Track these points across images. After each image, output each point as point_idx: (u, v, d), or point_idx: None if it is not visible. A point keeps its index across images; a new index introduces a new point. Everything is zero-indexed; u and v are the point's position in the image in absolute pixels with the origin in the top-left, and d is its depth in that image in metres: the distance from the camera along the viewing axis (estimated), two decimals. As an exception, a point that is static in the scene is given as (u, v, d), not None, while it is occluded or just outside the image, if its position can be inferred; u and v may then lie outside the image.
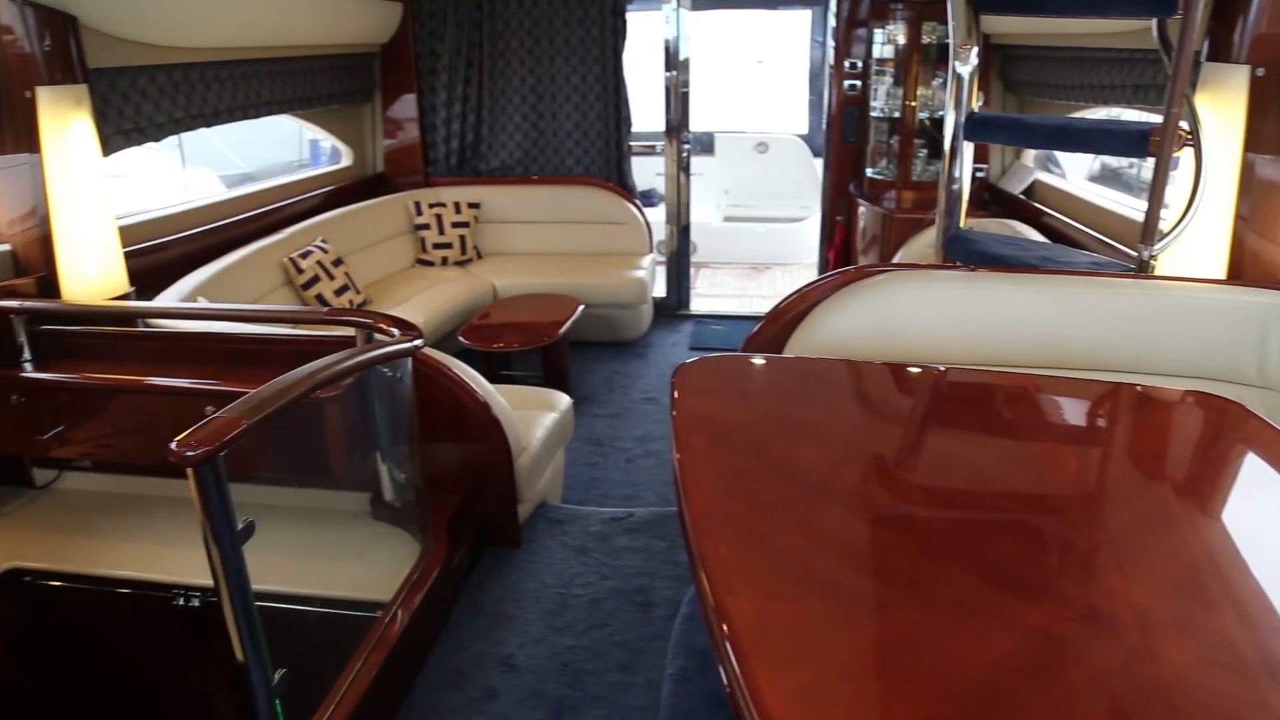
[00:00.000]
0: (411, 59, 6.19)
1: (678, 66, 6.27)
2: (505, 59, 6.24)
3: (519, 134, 6.38)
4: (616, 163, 6.38)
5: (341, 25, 5.53)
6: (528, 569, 3.20)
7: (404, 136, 6.39)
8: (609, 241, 6.32)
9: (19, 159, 3.24)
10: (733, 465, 1.56)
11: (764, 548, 1.34)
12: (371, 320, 2.76)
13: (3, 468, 3.37)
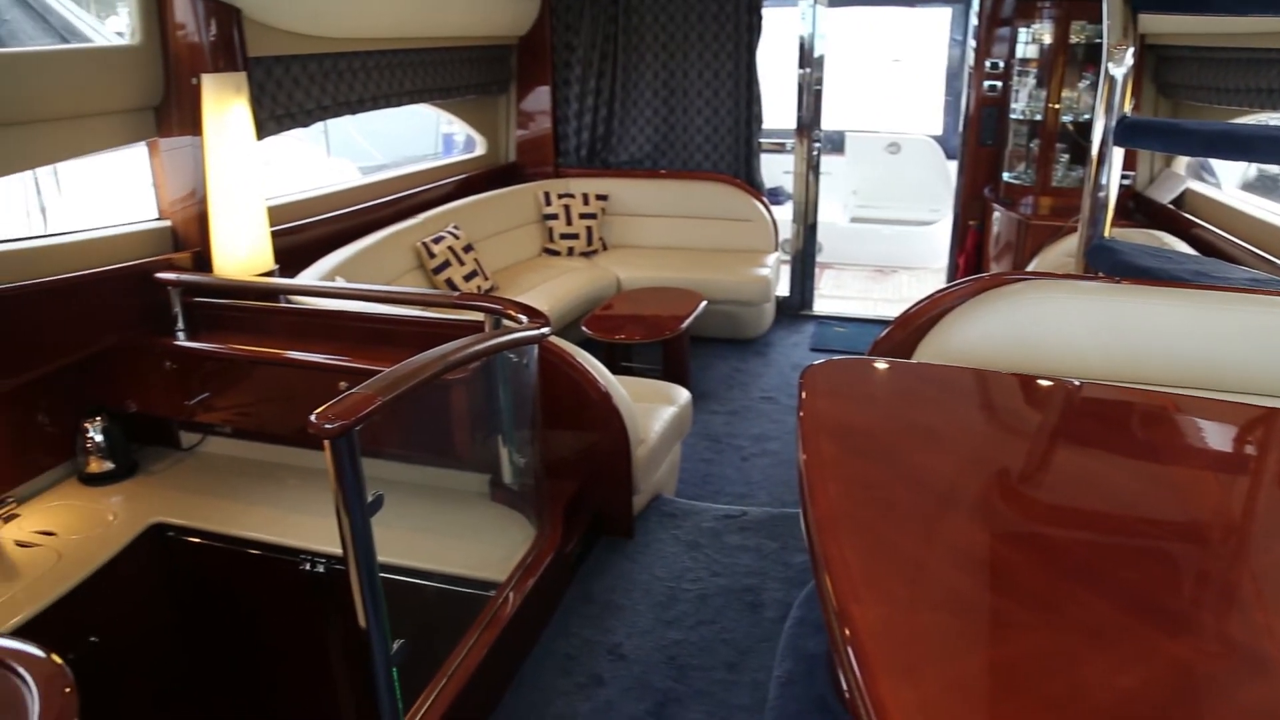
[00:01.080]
0: (547, 52, 6.29)
1: (812, 63, 6.18)
2: (639, 53, 6.28)
3: (649, 128, 6.41)
4: (745, 159, 6.34)
5: (483, 18, 5.67)
6: (639, 560, 3.21)
7: (536, 128, 6.50)
8: (734, 238, 6.28)
9: (183, 141, 3.43)
10: (859, 470, 1.52)
11: (890, 555, 1.30)
12: (501, 306, 2.81)
13: (154, 429, 3.59)
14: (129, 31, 3.34)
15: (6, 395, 3.14)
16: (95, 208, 5.22)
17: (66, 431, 3.38)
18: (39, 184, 4.97)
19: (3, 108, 2.87)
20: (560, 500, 3.07)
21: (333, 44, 4.33)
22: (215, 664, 3.37)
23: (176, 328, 3.31)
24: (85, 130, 3.21)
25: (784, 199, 8.38)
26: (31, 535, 3.08)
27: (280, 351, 3.11)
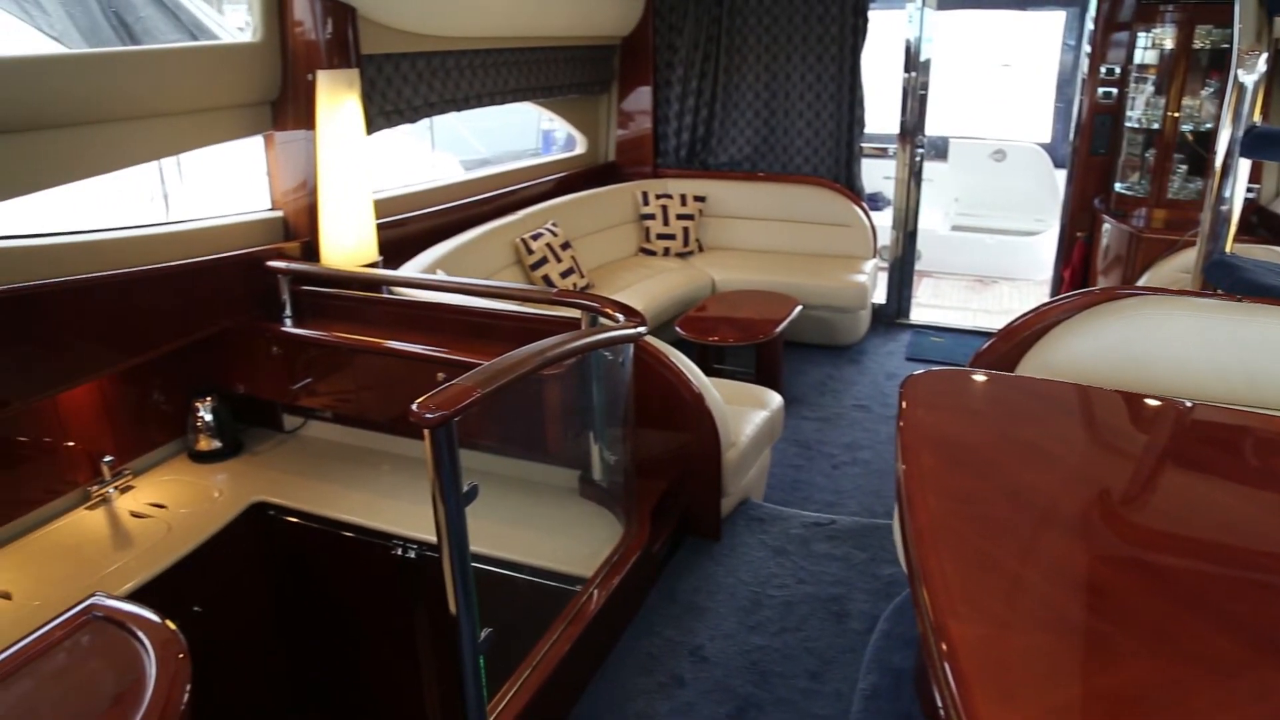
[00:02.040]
0: (650, 52, 6.31)
1: (918, 67, 6.06)
2: (741, 55, 6.25)
3: (749, 130, 6.38)
4: (846, 164, 6.25)
5: (588, 18, 5.72)
6: (725, 563, 3.19)
7: (636, 128, 6.53)
8: (832, 243, 6.21)
9: (297, 135, 3.56)
10: (960, 483, 1.49)
11: (991, 573, 1.26)
12: (598, 304, 2.83)
13: (259, 411, 3.73)
14: (251, 29, 3.48)
15: (127, 373, 3.30)
16: (213, 196, 5.45)
17: (179, 410, 3.54)
18: (163, 173, 5.21)
19: (137, 102, 3.02)
20: (649, 499, 3.08)
21: (441, 42, 4.43)
22: (305, 640, 3.48)
23: (284, 314, 3.43)
24: (209, 123, 3.36)
25: (883, 205, 8.24)
26: (144, 506, 3.23)
27: (381, 341, 3.19)
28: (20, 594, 2.78)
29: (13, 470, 3.05)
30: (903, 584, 3.02)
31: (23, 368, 2.78)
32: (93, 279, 2.92)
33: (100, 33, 5.29)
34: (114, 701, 1.03)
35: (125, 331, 3.08)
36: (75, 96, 2.82)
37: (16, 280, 2.72)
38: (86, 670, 1.08)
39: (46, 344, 2.83)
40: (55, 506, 3.19)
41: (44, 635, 1.11)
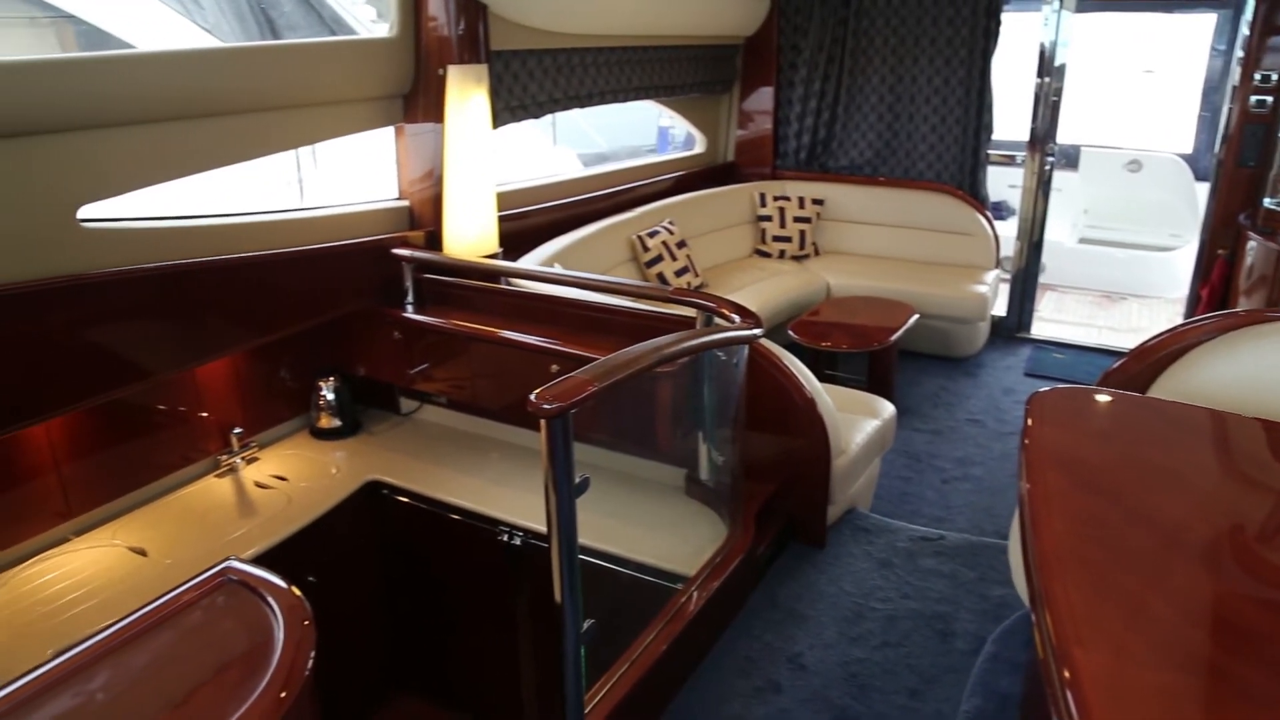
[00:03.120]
0: (773, 53, 6.26)
1: (1051, 72, 5.83)
2: (867, 56, 6.13)
3: (872, 134, 6.26)
4: (971, 170, 6.07)
5: (713, 18, 5.71)
6: (829, 572, 3.15)
7: (756, 128, 6.49)
8: (953, 251, 6.04)
9: (426, 127, 3.66)
10: (1087, 506, 1.43)
11: (1120, 602, 1.21)
12: (714, 304, 2.82)
13: (378, 393, 3.85)
14: (388, 25, 3.59)
15: (258, 351, 3.46)
16: (344, 184, 5.66)
17: (304, 388, 3.69)
18: (299, 161, 5.44)
19: (279, 93, 3.17)
20: (755, 502, 3.06)
21: (568, 40, 4.49)
22: (408, 618, 3.58)
23: (407, 301, 3.54)
24: (344, 114, 3.49)
25: (1007, 214, 7.98)
26: (268, 478, 3.38)
27: (497, 330, 3.25)
28: (154, 552, 2.95)
29: (153, 436, 3.23)
30: (1013, 606, 2.92)
31: (167, 341, 2.94)
32: (233, 260, 3.07)
33: (247, 27, 5.57)
34: (244, 660, 1.08)
35: (259, 311, 3.22)
36: (223, 87, 2.97)
37: (166, 258, 2.89)
38: (220, 629, 1.14)
39: (188, 319, 2.99)
40: (188, 472, 3.37)
41: (184, 592, 1.18)
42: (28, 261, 2.54)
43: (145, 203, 2.89)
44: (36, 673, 1.08)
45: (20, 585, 2.77)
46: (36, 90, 2.47)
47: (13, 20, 5.54)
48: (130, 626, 1.14)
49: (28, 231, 2.54)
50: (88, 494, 3.06)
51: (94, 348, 2.71)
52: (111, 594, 2.73)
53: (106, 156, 2.70)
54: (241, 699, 1.01)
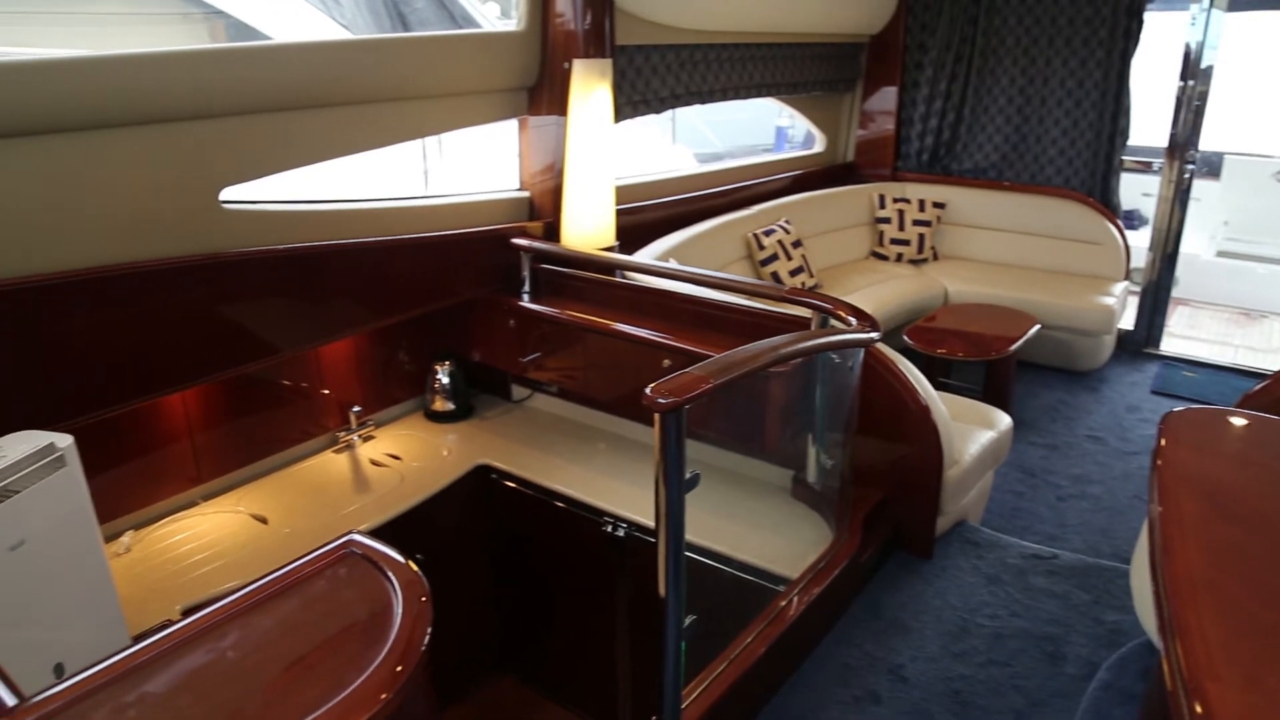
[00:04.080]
0: (899, 51, 6.13)
1: (1197, 75, 5.53)
2: (996, 56, 5.94)
3: (998, 136, 6.06)
4: (1103, 177, 5.82)
5: (838, 15, 5.63)
6: (935, 584, 3.07)
7: (877, 128, 6.36)
8: (1079, 261, 5.81)
9: (549, 120, 3.72)
10: (1226, 534, 1.35)
11: (1259, 636, 1.14)
12: (831, 305, 2.78)
13: (491, 379, 3.94)
14: (515, 20, 3.66)
15: (379, 333, 3.58)
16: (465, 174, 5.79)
17: (420, 371, 3.80)
18: (425, 150, 5.59)
19: (411, 84, 3.26)
20: (862, 508, 3.01)
21: (691, 35, 4.49)
22: (509, 602, 3.65)
23: (523, 290, 3.61)
24: (471, 106, 3.57)
25: (1138, 224, 7.63)
26: (382, 456, 3.50)
27: (610, 323, 3.28)
28: (274, 520, 3.09)
29: (277, 410, 3.38)
30: (1130, 634, 2.80)
31: (295, 319, 3.07)
32: (360, 244, 3.18)
33: (381, 23, 5.76)
34: (364, 631, 1.12)
35: (382, 294, 3.33)
36: (358, 78, 3.08)
37: (299, 240, 3.01)
38: (342, 599, 1.18)
39: (316, 299, 3.11)
40: (308, 447, 3.51)
41: (309, 562, 1.23)
42: (176, 239, 2.69)
43: (282, 187, 3.02)
44: (173, 629, 1.14)
45: (153, 544, 2.94)
46: (185, 79, 2.61)
47: (168, 16, 5.87)
48: (258, 591, 1.19)
49: (177, 211, 2.69)
50: (216, 462, 3.23)
51: (229, 323, 2.85)
52: (234, 558, 2.87)
53: (248, 141, 2.84)
54: (361, 669, 1.05)
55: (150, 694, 1.06)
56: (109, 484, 2.80)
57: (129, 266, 2.58)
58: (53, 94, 2.35)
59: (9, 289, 2.34)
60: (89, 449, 2.15)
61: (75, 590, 2.19)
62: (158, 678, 1.08)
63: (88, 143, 2.46)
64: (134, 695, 1.05)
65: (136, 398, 2.76)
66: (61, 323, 2.47)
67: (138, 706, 1.04)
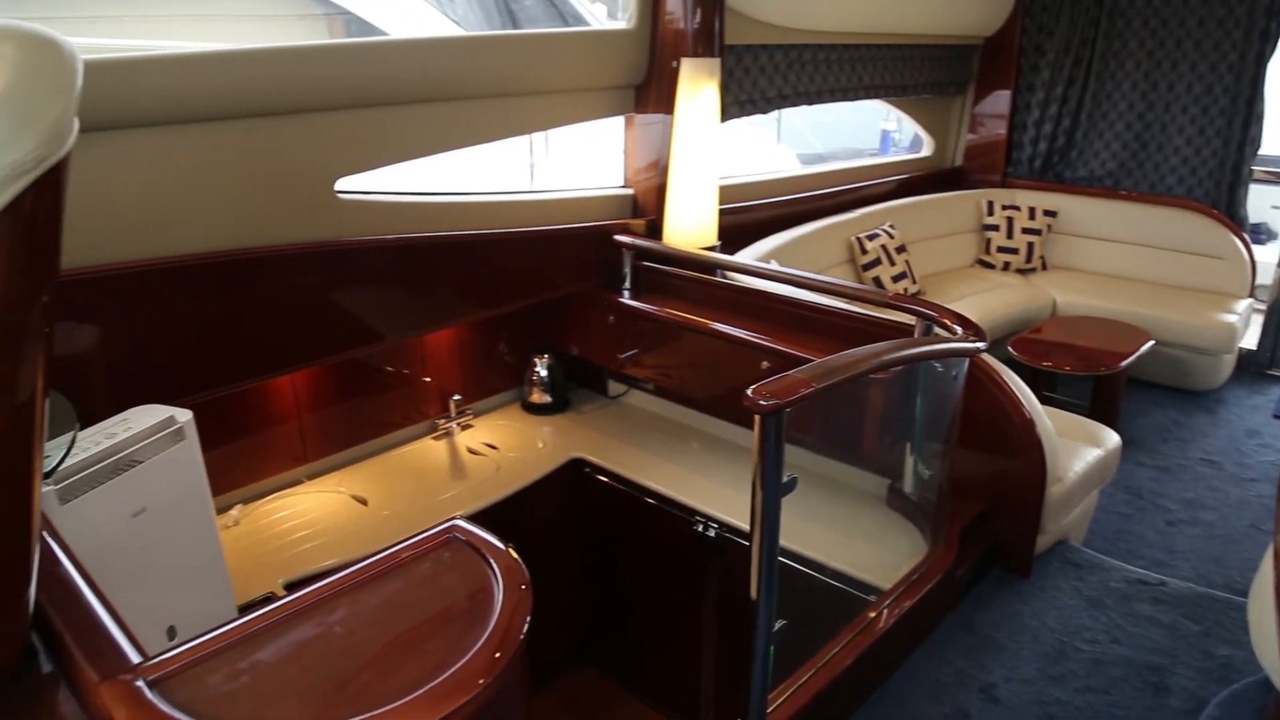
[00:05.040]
0: (1014, 54, 5.95)
1: (1342, 82, 5.24)
2: (1118, 60, 5.71)
3: (1116, 144, 5.83)
4: (1230, 188, 5.54)
5: (953, 16, 5.51)
6: (1032, 603, 2.98)
7: (988, 133, 6.20)
8: (1199, 276, 5.55)
9: (655, 118, 3.73)
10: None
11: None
12: (936, 313, 2.73)
13: (588, 374, 3.98)
14: (625, 18, 3.69)
15: (480, 324, 3.66)
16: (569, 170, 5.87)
17: (519, 363, 3.87)
18: (532, 145, 5.69)
19: (520, 80, 3.32)
20: (959, 521, 2.94)
21: (800, 35, 4.45)
22: (596, 596, 3.68)
23: (624, 286, 3.63)
24: (579, 102, 3.61)
25: (1268, 238, 7.27)
26: (480, 445, 3.57)
27: (709, 322, 3.28)
28: (374, 502, 3.19)
29: (380, 395, 3.48)
30: (1243, 670, 2.67)
31: (401, 308, 3.16)
32: (466, 236, 3.25)
33: (491, 20, 5.87)
34: (465, 615, 1.15)
35: (486, 286, 3.40)
36: (469, 73, 3.15)
37: (407, 231, 3.10)
38: (445, 583, 1.21)
39: (422, 289, 3.19)
40: (408, 432, 3.61)
41: (414, 544, 1.26)
42: (294, 227, 2.80)
43: (392, 179, 3.11)
44: (284, 601, 1.19)
45: (259, 518, 3.06)
46: (305, 72, 2.72)
47: (289, 16, 6.10)
48: (366, 569, 1.23)
49: (295, 200, 2.79)
50: (321, 443, 3.34)
51: (338, 309, 2.96)
52: (334, 536, 2.97)
53: (363, 134, 2.93)
54: (461, 651, 1.07)
55: (262, 662, 1.10)
56: (222, 459, 2.92)
57: (249, 252, 2.70)
58: (187, 86, 2.49)
59: (141, 270, 2.47)
60: (205, 425, 2.26)
61: (188, 558, 2.31)
62: (269, 647, 1.13)
63: (216, 132, 2.59)
64: (247, 662, 1.10)
65: (251, 378, 2.88)
66: (187, 303, 2.60)
67: (250, 673, 1.09)
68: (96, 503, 1.99)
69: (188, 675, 1.08)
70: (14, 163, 0.89)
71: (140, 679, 1.06)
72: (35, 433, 1.06)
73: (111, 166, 2.39)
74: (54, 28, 0.97)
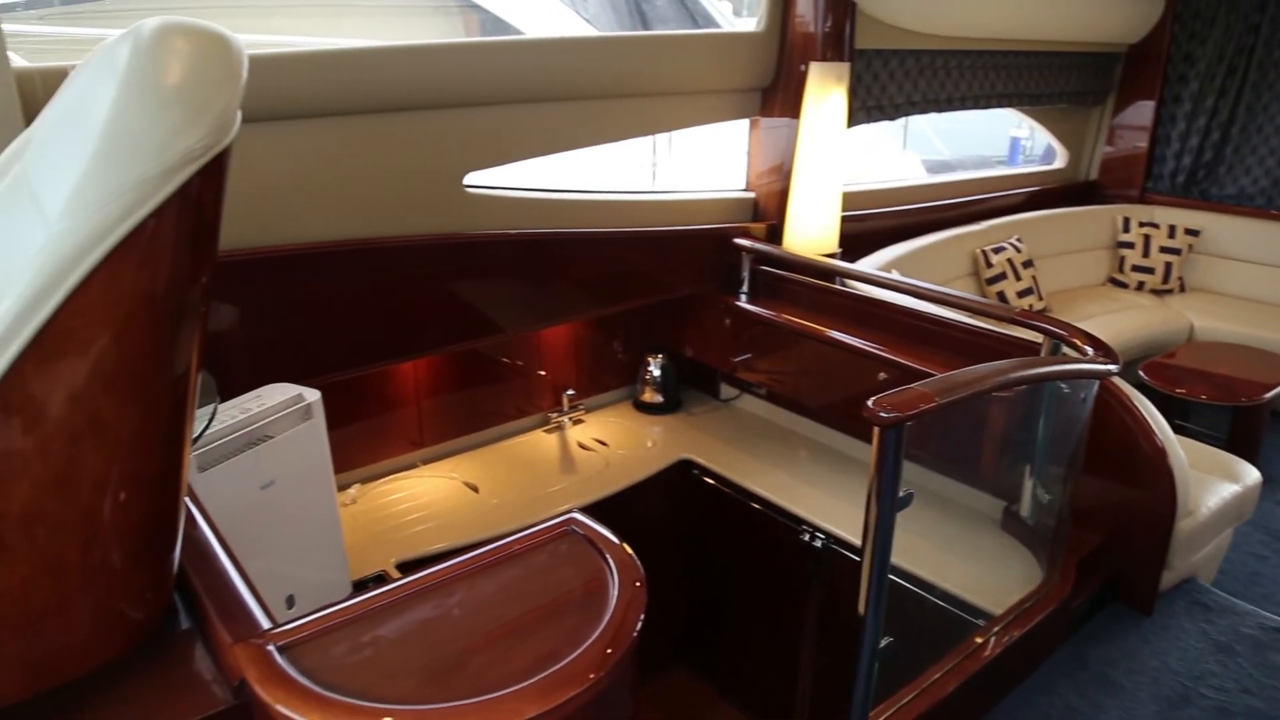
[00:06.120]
0: (1160, 62, 5.65)
1: None
2: (1278, 71, 5.36)
3: (1271, 160, 5.47)
4: (1401, 212, 5.16)
5: (1095, 22, 5.28)
6: (1153, 643, 2.84)
7: (1127, 145, 5.91)
8: (1356, 306, 5.19)
9: (781, 122, 3.70)
10: None
11: None
12: (1065, 332, 2.63)
13: (700, 376, 3.98)
14: (755, 20, 3.67)
15: (598, 321, 3.71)
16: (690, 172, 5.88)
17: (633, 362, 3.90)
18: (655, 146, 5.72)
19: (649, 81, 3.35)
20: (1078, 550, 2.82)
21: (934, 41, 4.35)
22: (697, 594, 3.67)
23: (741, 290, 3.61)
24: (705, 104, 3.62)
25: None
26: (590, 440, 3.61)
27: (826, 330, 3.24)
28: (485, 490, 3.26)
29: (496, 386, 3.56)
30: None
31: (521, 301, 3.22)
32: (587, 234, 3.30)
33: (622, 20, 5.93)
34: (580, 608, 1.16)
35: (605, 284, 3.44)
36: (599, 73, 3.19)
37: (531, 226, 3.16)
38: (561, 574, 1.23)
39: (542, 284, 3.25)
40: (521, 424, 3.68)
41: (532, 534, 1.29)
42: (424, 218, 2.89)
43: (518, 175, 3.18)
44: (406, 580, 1.23)
45: (375, 498, 3.17)
46: (441, 70, 2.80)
47: (424, 9, 6.28)
48: (485, 555, 1.26)
49: (426, 192, 2.89)
50: (437, 429, 3.44)
51: (462, 300, 3.04)
52: (445, 520, 3.06)
53: (493, 130, 3.00)
54: (575, 644, 1.09)
55: (382, 638, 1.14)
56: (343, 439, 3.04)
57: (380, 241, 2.80)
58: (328, 81, 2.60)
59: (278, 255, 2.59)
60: (330, 405, 2.35)
61: (309, 532, 2.41)
62: (390, 624, 1.17)
63: (354, 126, 2.69)
64: (369, 637, 1.14)
65: (376, 362, 2.99)
66: (320, 288, 2.71)
67: (371, 648, 1.13)
68: (230, 473, 2.09)
69: (314, 644, 1.12)
70: (185, 149, 0.95)
71: (271, 644, 1.11)
72: (189, 404, 1.12)
73: (255, 156, 2.51)
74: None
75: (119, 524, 1.07)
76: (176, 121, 0.95)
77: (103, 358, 0.98)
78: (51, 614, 1.05)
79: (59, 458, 0.98)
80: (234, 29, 1.05)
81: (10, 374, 0.92)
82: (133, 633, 1.17)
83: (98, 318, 0.96)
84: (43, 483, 0.98)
